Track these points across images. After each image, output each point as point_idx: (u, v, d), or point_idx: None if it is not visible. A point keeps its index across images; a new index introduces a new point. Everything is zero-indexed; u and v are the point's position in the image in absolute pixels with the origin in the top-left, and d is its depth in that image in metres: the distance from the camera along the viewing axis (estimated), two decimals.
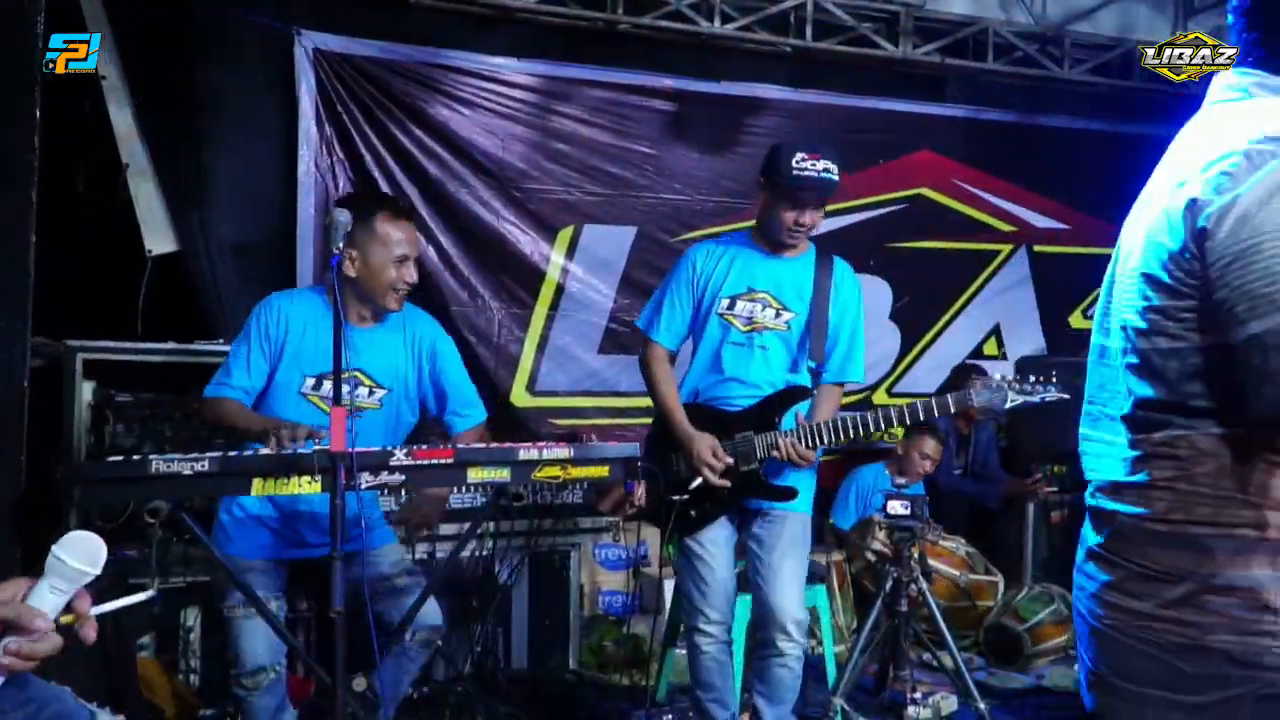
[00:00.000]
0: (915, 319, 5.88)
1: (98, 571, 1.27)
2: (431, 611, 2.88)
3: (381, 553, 2.94)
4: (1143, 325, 1.41)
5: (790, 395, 3.14)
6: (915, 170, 5.81)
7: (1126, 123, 5.84)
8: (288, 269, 4.65)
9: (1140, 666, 1.41)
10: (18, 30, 2.73)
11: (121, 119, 4.36)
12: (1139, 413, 1.43)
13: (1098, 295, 1.59)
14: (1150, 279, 1.40)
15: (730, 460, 3.08)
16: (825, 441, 3.07)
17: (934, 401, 3.12)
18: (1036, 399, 3.15)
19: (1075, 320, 6.13)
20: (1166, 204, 1.39)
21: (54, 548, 1.26)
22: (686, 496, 3.08)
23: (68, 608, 1.28)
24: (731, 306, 3.15)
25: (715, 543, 3.14)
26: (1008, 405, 3.16)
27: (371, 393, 2.85)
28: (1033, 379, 3.19)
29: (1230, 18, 1.47)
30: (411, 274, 2.82)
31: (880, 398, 5.77)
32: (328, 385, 2.76)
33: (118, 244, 4.38)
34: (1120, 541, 1.44)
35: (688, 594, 3.17)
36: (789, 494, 3.13)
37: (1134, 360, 1.43)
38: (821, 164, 3.02)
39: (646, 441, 3.30)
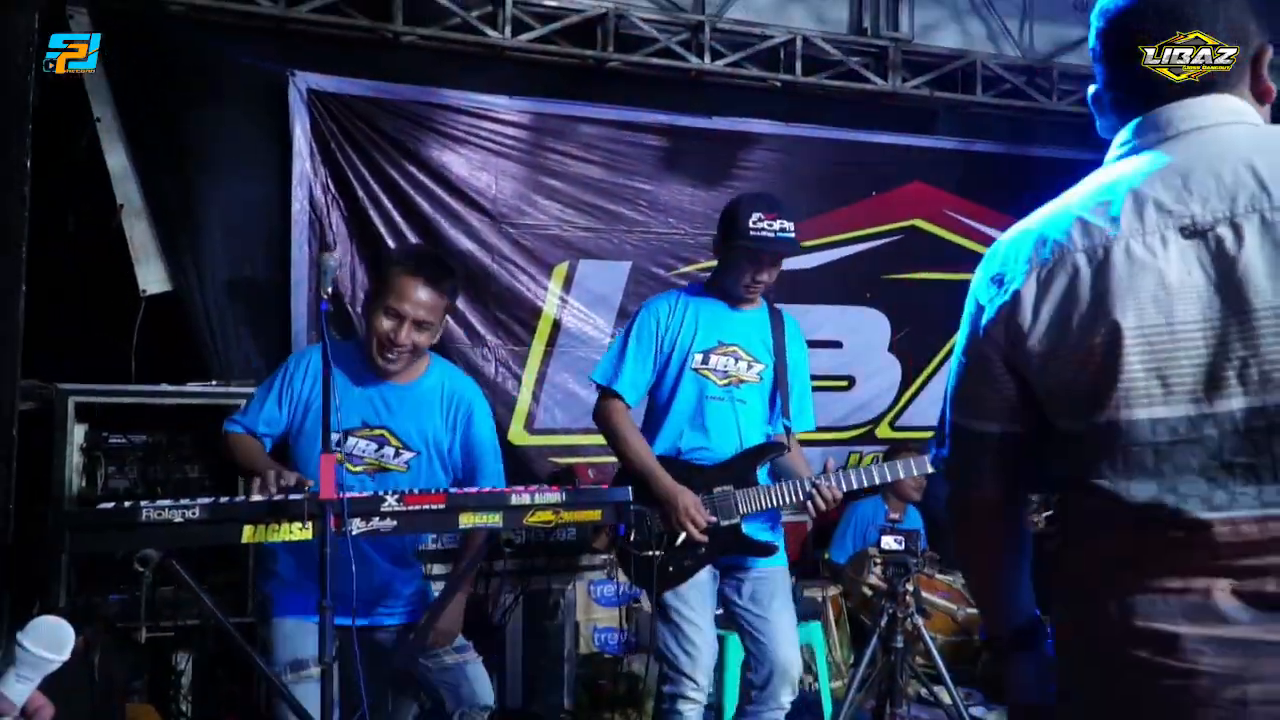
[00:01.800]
0: (915, 351, 5.87)
1: (64, 658, 1.26)
2: (484, 691, 2.82)
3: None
4: None
5: (766, 450, 3.15)
6: (908, 202, 5.83)
7: None
8: (282, 309, 4.66)
9: None
10: (11, 104, 2.74)
11: (116, 160, 4.38)
12: None
13: None
14: None
15: (712, 518, 3.04)
16: (851, 485, 3.10)
17: (899, 464, 3.18)
18: None
19: None
20: None
21: (19, 635, 1.26)
22: (662, 553, 3.02)
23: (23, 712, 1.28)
24: (706, 361, 3.14)
25: (701, 602, 3.08)
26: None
27: (398, 454, 2.77)
28: None
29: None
30: (403, 335, 2.66)
31: (884, 431, 5.75)
32: (353, 441, 2.73)
33: (111, 285, 4.40)
34: None
35: (673, 657, 3.06)
36: (770, 549, 3.12)
37: None
38: (779, 224, 3.00)
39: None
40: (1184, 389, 1.23)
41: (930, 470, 3.24)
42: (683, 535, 3.02)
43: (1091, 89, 1.48)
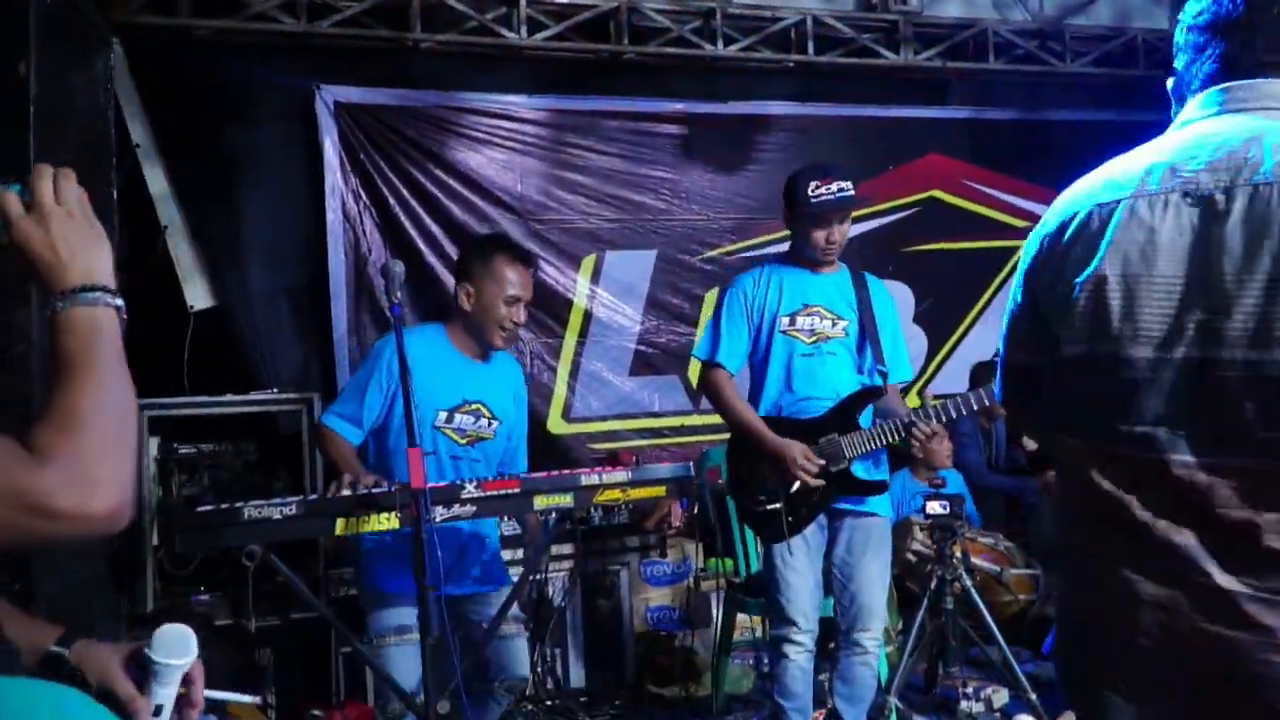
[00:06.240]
0: (940, 320, 5.95)
1: (192, 659, 1.36)
2: (521, 661, 3.02)
3: (499, 595, 3.02)
4: None
5: (865, 396, 3.34)
6: (925, 174, 5.90)
7: (1132, 111, 5.91)
8: (322, 317, 4.80)
9: None
10: (97, 140, 2.80)
11: (157, 183, 4.52)
12: None
13: None
14: None
15: (821, 463, 3.25)
16: (947, 417, 3.31)
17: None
18: None
19: None
20: None
21: (148, 651, 1.34)
22: (779, 505, 3.24)
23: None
24: (793, 323, 3.35)
25: (804, 550, 3.28)
26: None
27: (490, 424, 3.01)
28: None
29: None
30: (519, 315, 2.97)
31: (913, 400, 5.82)
32: (459, 417, 2.95)
33: (160, 302, 4.54)
34: None
35: (776, 603, 3.29)
36: (881, 487, 3.33)
37: None
38: (835, 185, 3.27)
39: (729, 459, 3.47)
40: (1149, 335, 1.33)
41: None
42: (797, 484, 3.23)
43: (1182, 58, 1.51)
